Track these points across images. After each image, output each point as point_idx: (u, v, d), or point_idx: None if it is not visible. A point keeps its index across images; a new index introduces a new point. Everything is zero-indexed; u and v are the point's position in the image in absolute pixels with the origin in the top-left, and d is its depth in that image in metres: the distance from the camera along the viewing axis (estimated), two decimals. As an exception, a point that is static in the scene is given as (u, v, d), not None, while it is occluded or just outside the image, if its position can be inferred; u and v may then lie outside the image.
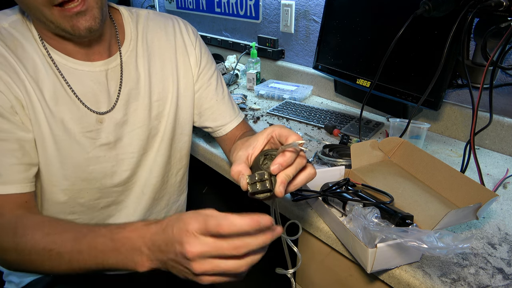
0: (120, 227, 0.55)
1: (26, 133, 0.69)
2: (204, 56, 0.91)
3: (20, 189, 0.68)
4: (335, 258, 0.80)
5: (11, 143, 0.67)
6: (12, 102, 0.67)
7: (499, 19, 0.83)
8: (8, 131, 0.67)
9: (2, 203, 0.66)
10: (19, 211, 0.66)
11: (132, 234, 0.53)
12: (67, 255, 0.57)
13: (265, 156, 0.56)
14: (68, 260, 0.57)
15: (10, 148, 0.67)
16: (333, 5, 1.29)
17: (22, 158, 0.68)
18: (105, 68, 0.77)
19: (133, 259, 0.52)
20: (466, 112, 1.15)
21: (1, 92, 0.66)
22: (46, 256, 0.58)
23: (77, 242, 0.57)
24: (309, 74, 1.59)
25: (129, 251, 0.53)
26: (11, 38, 0.70)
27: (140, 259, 0.52)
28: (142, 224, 0.53)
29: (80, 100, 0.74)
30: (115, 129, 0.79)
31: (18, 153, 0.68)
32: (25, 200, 0.68)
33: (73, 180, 0.77)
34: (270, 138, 0.57)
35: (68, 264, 0.57)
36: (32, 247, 0.59)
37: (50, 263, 0.58)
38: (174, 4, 2.20)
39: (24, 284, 0.86)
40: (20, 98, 0.68)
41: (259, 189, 0.50)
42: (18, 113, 0.69)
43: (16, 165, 0.67)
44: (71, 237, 0.58)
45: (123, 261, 0.53)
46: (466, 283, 0.63)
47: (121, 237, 0.53)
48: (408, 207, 0.76)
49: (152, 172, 0.87)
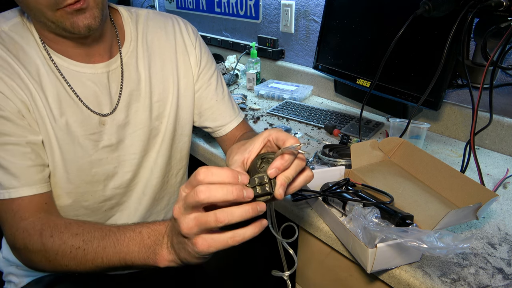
0: (150, 222, 0.59)
1: (35, 135, 0.70)
2: (204, 56, 0.90)
3: (39, 189, 0.69)
4: (335, 258, 0.80)
5: (23, 146, 0.68)
6: (18, 107, 0.68)
7: (499, 19, 0.83)
8: (18, 135, 0.67)
9: (25, 206, 0.67)
10: (41, 213, 0.68)
11: (160, 227, 0.56)
12: (92, 252, 0.59)
13: (262, 159, 0.55)
14: (92, 258, 0.60)
15: (23, 151, 0.68)
16: (333, 5, 1.29)
17: (36, 159, 0.69)
18: (107, 69, 0.77)
19: (154, 250, 0.55)
20: (466, 112, 1.15)
21: (7, 97, 0.66)
22: (73, 254, 0.60)
23: (104, 238, 0.60)
24: (309, 74, 1.59)
25: (152, 242, 0.55)
26: (12, 42, 0.69)
27: (160, 250, 0.54)
28: (165, 220, 0.57)
29: (83, 103, 0.74)
30: (117, 130, 0.79)
31: (32, 155, 0.69)
32: (45, 201, 0.70)
33: (77, 183, 0.77)
34: (266, 142, 0.57)
35: (92, 262, 0.60)
36: (59, 247, 0.61)
37: (75, 262, 0.61)
38: (174, 4, 2.20)
39: (24, 284, 0.86)
40: (25, 102, 0.69)
41: (259, 192, 0.50)
42: (25, 117, 0.69)
43: (32, 167, 0.68)
44: (100, 234, 0.61)
45: (145, 254, 0.56)
46: (466, 283, 0.63)
47: (150, 229, 0.57)
48: (408, 207, 0.76)
49: (153, 173, 0.87)
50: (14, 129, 0.67)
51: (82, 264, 0.61)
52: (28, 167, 0.68)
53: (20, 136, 0.67)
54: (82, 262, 0.61)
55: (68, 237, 0.62)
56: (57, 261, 0.62)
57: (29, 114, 0.69)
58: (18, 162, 0.67)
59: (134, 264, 0.57)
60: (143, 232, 0.57)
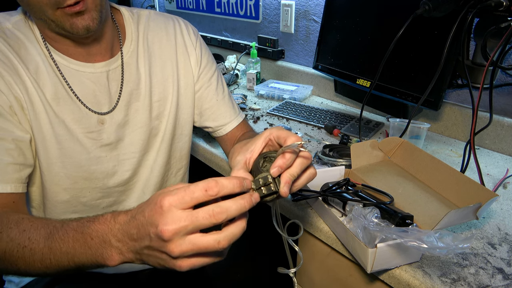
0: (91, 220, 0.52)
1: (23, 133, 0.69)
2: (205, 56, 0.91)
3: (12, 188, 0.66)
4: (335, 258, 0.80)
5: (8, 142, 0.67)
6: (11, 103, 0.68)
7: (499, 19, 0.83)
8: (5, 130, 0.67)
9: None
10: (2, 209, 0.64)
11: (100, 227, 0.50)
12: (39, 252, 0.54)
13: (264, 158, 0.56)
14: (40, 258, 0.54)
15: (7, 147, 0.67)
16: (333, 5, 1.29)
17: (17, 158, 0.68)
18: (106, 69, 0.77)
19: (102, 253, 0.50)
20: (466, 112, 1.15)
21: (2, 92, 0.67)
22: (20, 254, 0.55)
23: (49, 238, 0.54)
24: (309, 74, 1.59)
25: (98, 245, 0.50)
26: (15, 38, 0.70)
27: (109, 252, 0.49)
28: (110, 216, 0.51)
29: (81, 101, 0.75)
30: (116, 129, 0.79)
31: (14, 153, 0.67)
32: (12, 200, 0.67)
33: (75, 179, 0.77)
34: (268, 141, 0.57)
35: (41, 262, 0.54)
36: (6, 245, 0.56)
37: (23, 262, 0.55)
38: (174, 4, 2.20)
39: (24, 283, 0.86)
40: (20, 99, 0.69)
41: (265, 193, 0.50)
42: (17, 114, 0.69)
43: (11, 164, 0.67)
44: (45, 233, 0.55)
45: (92, 256, 0.51)
46: (466, 283, 0.63)
47: (91, 230, 0.51)
48: (408, 207, 0.76)
49: (153, 172, 0.87)
50: (2, 123, 0.67)
51: (31, 265, 0.55)
52: (6, 164, 0.66)
53: (7, 131, 0.67)
54: (30, 263, 0.55)
55: (15, 234, 0.56)
56: (6, 260, 0.57)
57: (22, 112, 0.69)
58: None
59: (84, 266, 0.52)
60: (85, 233, 0.51)
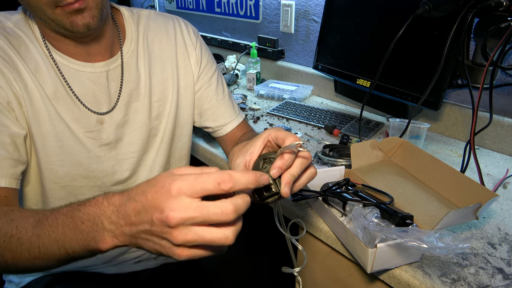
0: (82, 203, 0.49)
1: (19, 130, 0.69)
2: (205, 57, 0.91)
3: (3, 183, 0.65)
4: (335, 258, 0.80)
5: (4, 136, 0.67)
6: (10, 99, 0.68)
7: (499, 19, 0.83)
8: (2, 125, 0.67)
9: None
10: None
11: (92, 209, 0.47)
12: (27, 241, 0.52)
13: (264, 160, 0.56)
14: (28, 247, 0.52)
15: (3, 141, 0.66)
16: (333, 5, 1.29)
17: (13, 153, 0.68)
18: (106, 69, 0.77)
19: (94, 237, 0.47)
20: (466, 112, 1.15)
21: (1, 87, 0.67)
22: (6, 244, 0.53)
23: (38, 225, 0.52)
24: (309, 74, 1.59)
25: (90, 228, 0.47)
26: (16, 36, 0.71)
27: (101, 236, 0.46)
28: (103, 197, 0.48)
29: (80, 101, 0.75)
30: (116, 129, 0.79)
31: (10, 148, 0.67)
32: (4, 195, 0.66)
33: (74, 176, 0.77)
34: (267, 142, 0.57)
35: (29, 252, 0.52)
36: None
37: (10, 252, 0.53)
38: (174, 4, 2.20)
39: (24, 283, 0.86)
40: (18, 96, 0.69)
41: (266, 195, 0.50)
42: (15, 110, 0.69)
43: (6, 159, 0.66)
44: (34, 220, 0.52)
45: (84, 241, 0.48)
46: (466, 283, 0.63)
47: (81, 214, 0.48)
48: (408, 207, 0.76)
49: (152, 172, 0.87)
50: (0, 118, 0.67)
51: (18, 255, 0.52)
52: (1, 158, 0.66)
53: (4, 126, 0.67)
54: (17, 253, 0.52)
55: (2, 224, 0.54)
56: None
57: (19, 108, 0.69)
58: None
59: (75, 253, 0.49)
60: (75, 217, 0.48)
